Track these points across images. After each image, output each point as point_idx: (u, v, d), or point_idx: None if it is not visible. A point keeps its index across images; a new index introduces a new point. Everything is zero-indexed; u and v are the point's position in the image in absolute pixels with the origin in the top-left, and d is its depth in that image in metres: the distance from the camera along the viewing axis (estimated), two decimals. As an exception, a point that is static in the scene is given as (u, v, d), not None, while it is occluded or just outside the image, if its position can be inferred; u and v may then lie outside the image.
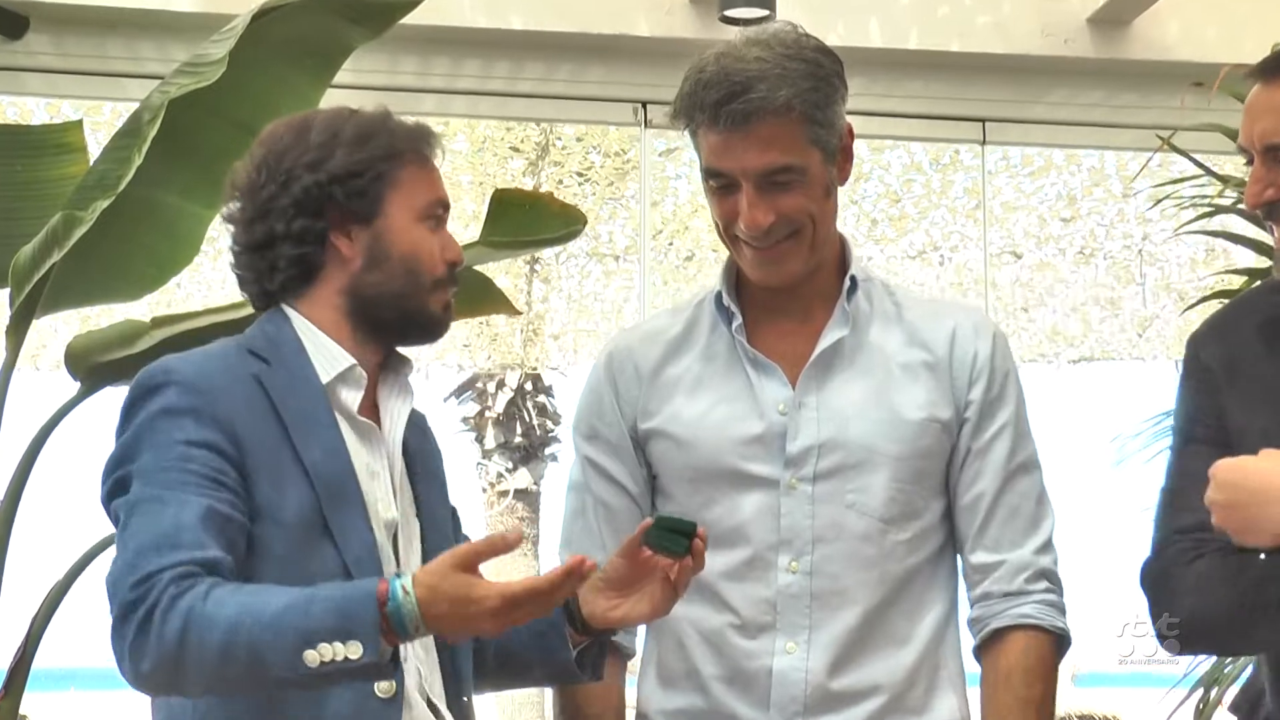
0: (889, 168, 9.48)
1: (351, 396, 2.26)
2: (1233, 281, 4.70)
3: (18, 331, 3.75)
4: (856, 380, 2.44)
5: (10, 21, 5.15)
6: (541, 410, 15.47)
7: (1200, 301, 4.73)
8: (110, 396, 3.77)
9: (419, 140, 2.32)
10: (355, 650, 1.95)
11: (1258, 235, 4.34)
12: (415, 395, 2.36)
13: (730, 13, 5.13)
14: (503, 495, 15.06)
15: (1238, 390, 2.27)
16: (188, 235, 3.96)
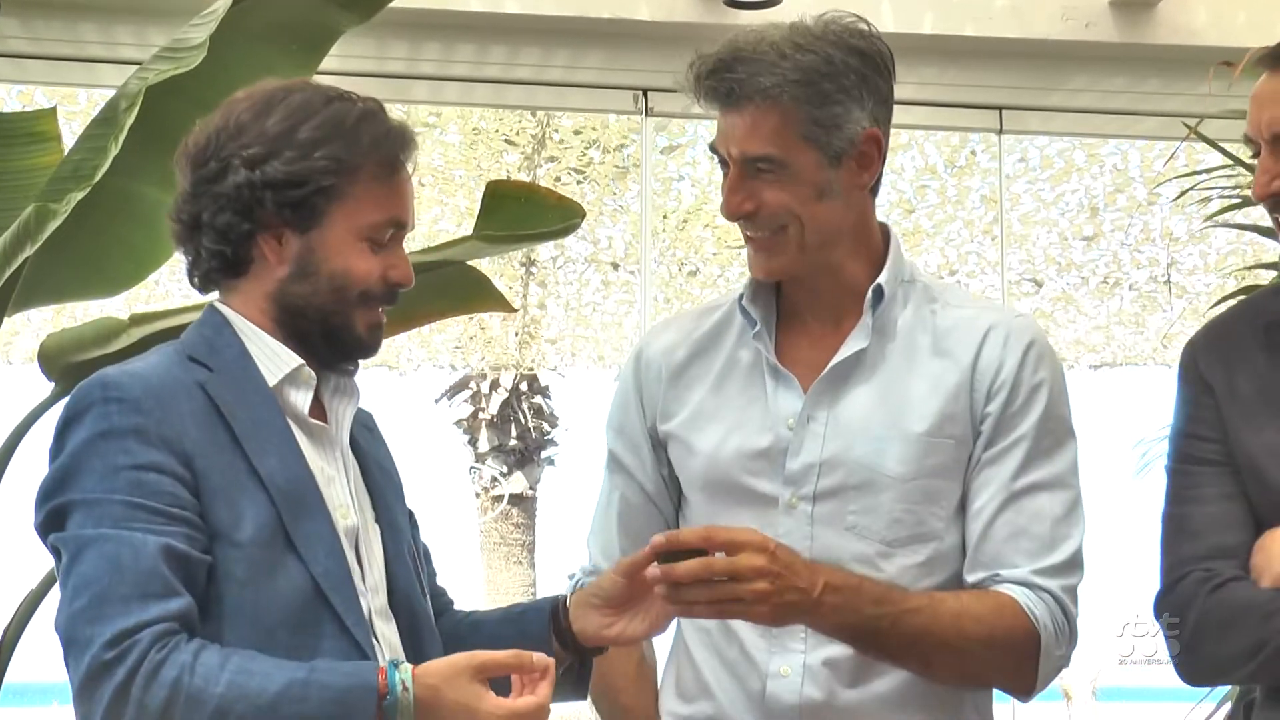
0: (902, 172, 9.48)
1: (301, 398, 2.19)
2: (1261, 277, 4.59)
3: (-13, 329, 3.65)
4: (870, 395, 2.37)
5: (-22, 4, 5.09)
6: (538, 412, 15.39)
7: (1224, 299, 4.63)
8: None
9: (386, 152, 2.20)
10: None
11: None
12: (361, 395, 2.30)
13: (735, -5, 5.15)
14: (497, 500, 15.01)
15: (1239, 402, 2.23)
16: (167, 229, 3.82)
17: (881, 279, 2.38)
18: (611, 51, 5.63)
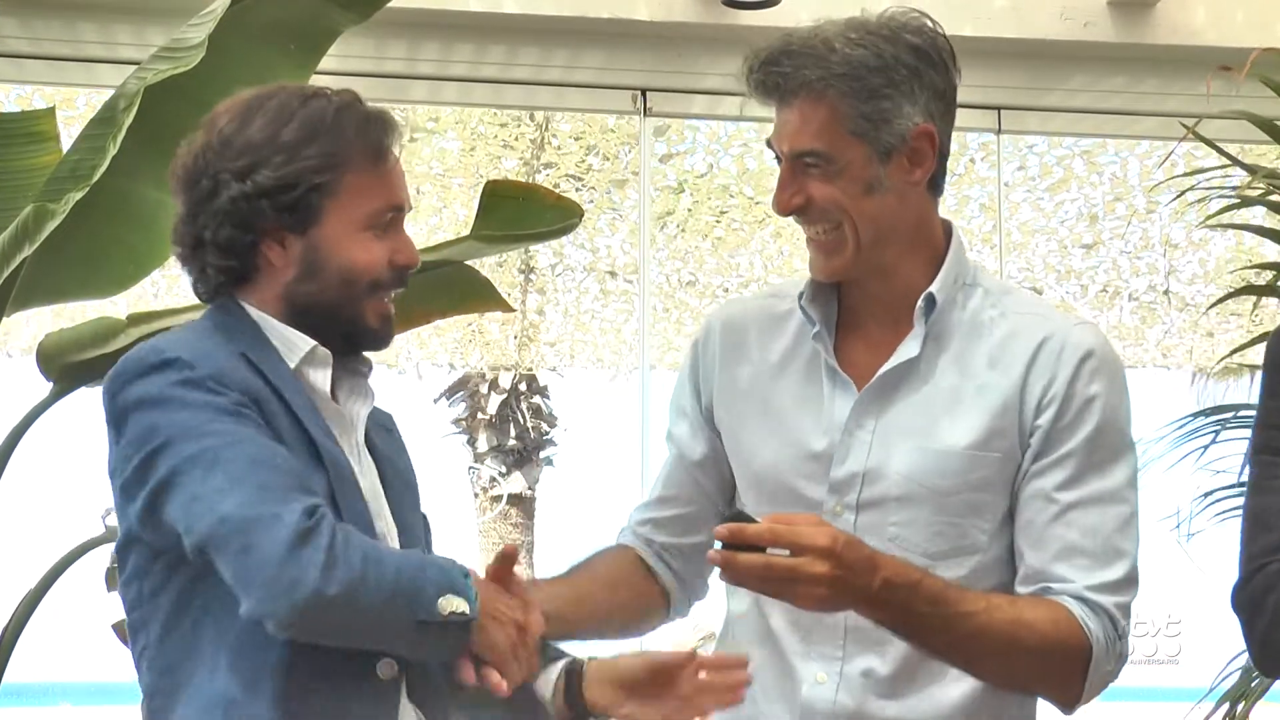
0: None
1: (321, 377, 2.21)
2: (1260, 277, 4.57)
3: (-14, 329, 3.65)
4: (918, 405, 2.32)
5: (-25, 5, 5.11)
6: (536, 412, 15.37)
7: (1223, 299, 4.62)
8: (85, 398, 3.70)
9: (370, 139, 2.21)
10: (463, 606, 2.03)
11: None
12: (375, 397, 2.32)
13: (734, -6, 5.14)
14: (495, 501, 14.99)
15: None
16: (165, 229, 3.77)
17: (934, 286, 2.32)
18: (610, 51, 5.62)
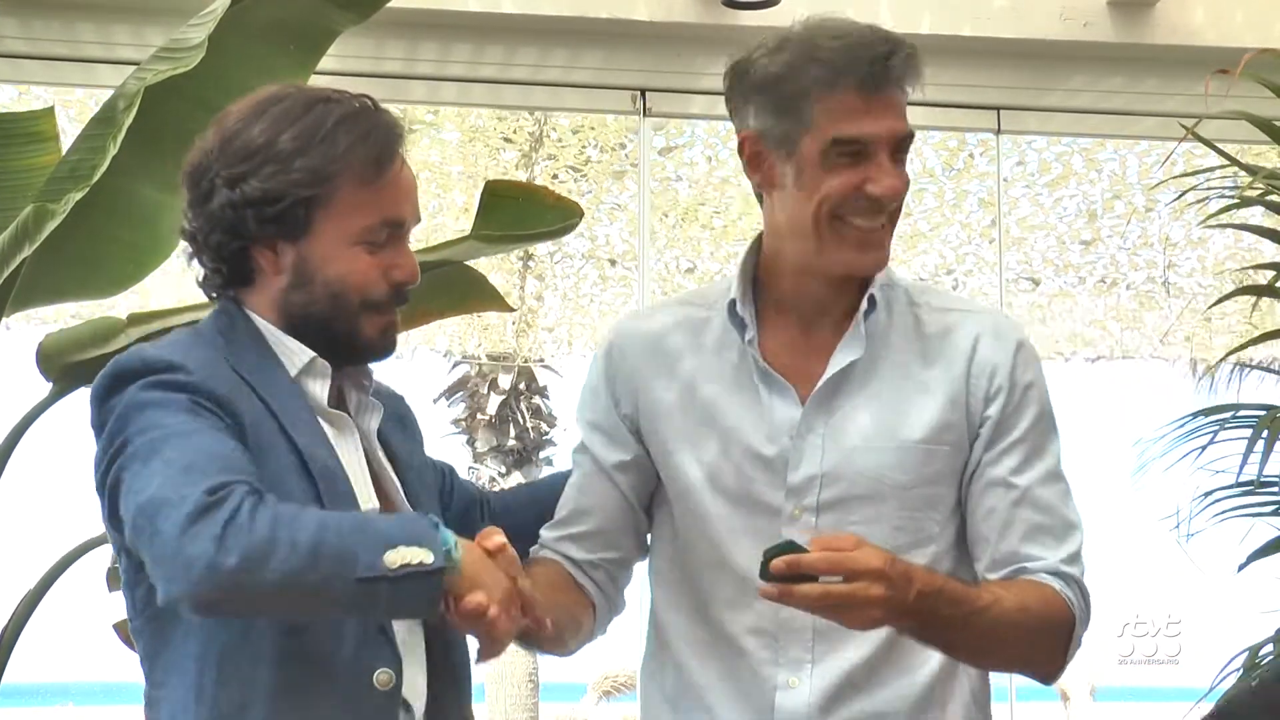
0: (898, 174, 9.38)
1: (319, 388, 2.21)
2: (1260, 276, 4.57)
3: (-14, 331, 3.65)
4: (866, 405, 2.36)
5: (-27, 4, 5.10)
6: (536, 412, 15.40)
7: (1224, 299, 4.61)
8: (85, 398, 3.64)
9: (369, 152, 2.18)
10: (427, 556, 1.97)
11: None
12: (383, 410, 2.31)
13: (734, -5, 5.13)
14: (495, 500, 14.95)
15: None
16: (165, 229, 3.84)
17: (874, 288, 2.36)
18: (609, 51, 5.61)
